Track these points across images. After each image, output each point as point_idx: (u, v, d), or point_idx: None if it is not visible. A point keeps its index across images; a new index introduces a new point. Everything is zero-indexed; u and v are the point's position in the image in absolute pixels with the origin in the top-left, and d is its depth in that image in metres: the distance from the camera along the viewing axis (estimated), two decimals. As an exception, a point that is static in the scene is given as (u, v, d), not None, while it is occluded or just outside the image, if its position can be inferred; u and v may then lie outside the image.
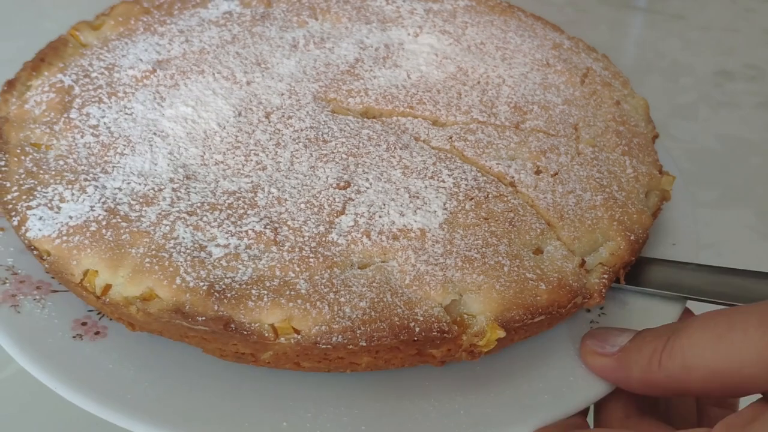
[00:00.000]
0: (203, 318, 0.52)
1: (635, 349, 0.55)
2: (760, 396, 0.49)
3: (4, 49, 1.21)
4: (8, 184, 0.61)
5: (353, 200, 0.60)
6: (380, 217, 0.59)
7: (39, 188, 0.60)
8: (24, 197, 0.60)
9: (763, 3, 1.47)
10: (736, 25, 1.42)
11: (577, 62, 0.81)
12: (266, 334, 0.52)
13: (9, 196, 0.60)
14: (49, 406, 0.77)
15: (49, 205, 0.59)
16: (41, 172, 0.62)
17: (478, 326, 0.54)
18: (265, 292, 0.53)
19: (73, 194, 0.59)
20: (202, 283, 0.53)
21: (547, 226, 0.60)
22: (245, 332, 0.51)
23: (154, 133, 0.65)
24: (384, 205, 0.60)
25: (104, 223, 0.57)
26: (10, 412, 0.76)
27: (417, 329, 0.52)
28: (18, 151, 0.64)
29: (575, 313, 0.63)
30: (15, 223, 0.59)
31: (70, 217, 0.57)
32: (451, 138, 0.67)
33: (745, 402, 0.50)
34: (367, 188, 0.61)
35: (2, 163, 0.63)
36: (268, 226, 0.57)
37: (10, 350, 0.56)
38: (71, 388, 0.53)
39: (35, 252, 0.57)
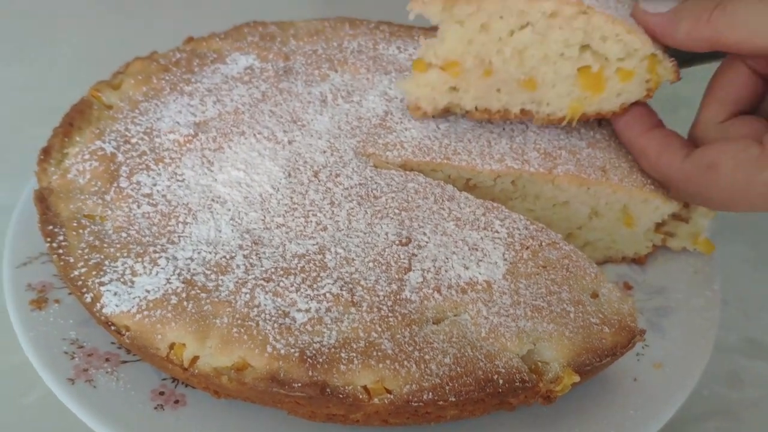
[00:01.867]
0: (299, 384, 0.53)
1: (689, 6, 0.65)
2: None
3: (19, 74, 1.19)
4: (72, 260, 0.62)
5: (416, 255, 0.63)
6: (446, 271, 0.62)
7: (107, 263, 0.61)
8: (94, 273, 0.60)
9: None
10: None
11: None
12: (360, 396, 0.54)
13: (76, 272, 0.61)
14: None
15: (122, 279, 0.60)
16: (105, 245, 0.63)
17: (552, 373, 0.57)
18: (354, 354, 0.55)
19: (144, 267, 0.60)
20: (293, 350, 0.54)
21: (599, 271, 0.64)
22: (341, 395, 0.53)
23: (212, 200, 0.66)
24: (447, 258, 0.63)
25: (184, 295, 0.58)
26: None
27: (500, 381, 0.55)
28: (74, 224, 0.65)
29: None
30: (88, 299, 0.59)
31: (148, 291, 0.58)
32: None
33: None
34: (427, 242, 0.64)
35: (61, 237, 0.64)
36: (344, 288, 0.59)
37: (96, 428, 0.57)
38: (167, 462, 0.54)
39: (113, 327, 0.58)
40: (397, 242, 0.64)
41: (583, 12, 0.68)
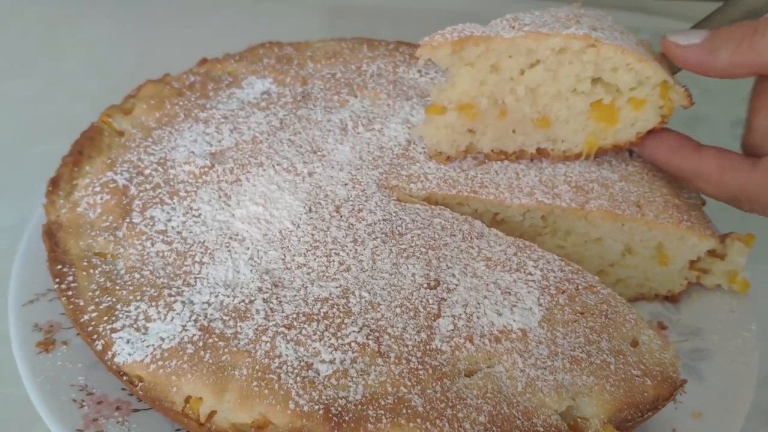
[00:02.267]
0: (325, 445, 0.50)
1: (725, 35, 0.63)
2: None
3: (23, 88, 1.17)
4: (82, 303, 0.59)
5: (446, 300, 0.59)
6: (478, 318, 0.58)
7: (119, 306, 0.58)
8: (105, 318, 0.57)
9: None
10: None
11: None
12: (390, 458, 0.50)
13: (86, 317, 0.58)
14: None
15: (135, 325, 0.56)
16: (117, 287, 0.59)
17: (592, 429, 0.54)
18: (382, 412, 0.51)
19: (159, 312, 0.57)
20: (317, 407, 0.51)
21: (639, 316, 0.61)
22: (369, 457, 0.50)
23: (230, 237, 0.63)
24: (479, 304, 0.59)
25: (201, 344, 0.54)
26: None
27: (539, 440, 0.52)
28: (85, 263, 0.61)
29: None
30: (99, 347, 0.56)
31: (162, 339, 0.55)
32: None
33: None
34: (456, 285, 0.61)
35: (70, 278, 0.60)
36: (370, 336, 0.56)
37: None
38: None
39: (125, 377, 0.55)
40: (425, 285, 0.60)
41: (592, 45, 0.67)
